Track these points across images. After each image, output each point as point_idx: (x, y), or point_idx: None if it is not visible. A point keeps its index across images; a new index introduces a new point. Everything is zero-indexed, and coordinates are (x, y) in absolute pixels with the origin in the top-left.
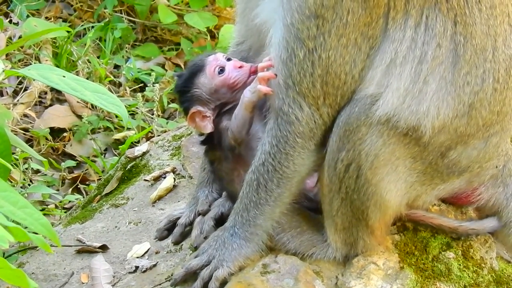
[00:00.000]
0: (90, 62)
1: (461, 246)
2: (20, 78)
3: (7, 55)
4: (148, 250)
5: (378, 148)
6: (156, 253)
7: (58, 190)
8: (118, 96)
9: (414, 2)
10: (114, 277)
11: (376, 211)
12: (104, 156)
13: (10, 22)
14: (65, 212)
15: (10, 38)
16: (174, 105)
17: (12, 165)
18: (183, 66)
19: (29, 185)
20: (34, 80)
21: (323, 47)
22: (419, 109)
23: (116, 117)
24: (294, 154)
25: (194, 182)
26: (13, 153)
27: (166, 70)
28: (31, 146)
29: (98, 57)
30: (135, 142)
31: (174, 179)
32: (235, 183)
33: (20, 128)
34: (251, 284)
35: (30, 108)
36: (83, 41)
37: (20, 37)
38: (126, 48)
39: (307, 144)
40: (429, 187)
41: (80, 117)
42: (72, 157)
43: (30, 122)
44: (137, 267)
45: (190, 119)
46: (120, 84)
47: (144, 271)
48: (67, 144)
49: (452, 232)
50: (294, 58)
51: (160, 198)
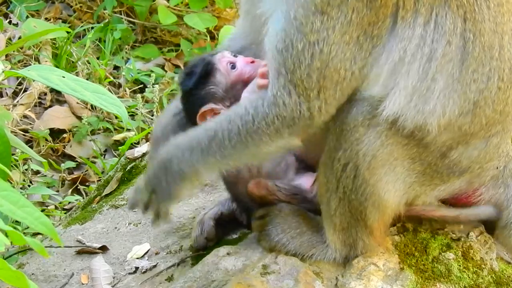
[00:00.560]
0: (89, 63)
1: (461, 247)
2: (19, 79)
3: (6, 56)
4: (148, 251)
5: (376, 149)
6: (156, 254)
7: (58, 191)
8: (118, 97)
9: (423, 0)
10: (114, 278)
11: (375, 212)
12: (104, 157)
13: (10, 23)
14: (65, 213)
15: (10, 39)
16: None
17: (11, 166)
18: (182, 67)
19: (29, 186)
20: (33, 81)
21: (326, 41)
22: (425, 107)
23: (116, 118)
24: (266, 131)
25: None
26: (13, 154)
27: (166, 71)
28: (31, 147)
29: (98, 58)
30: (135, 143)
31: None
32: (239, 185)
33: (20, 129)
34: (251, 285)
35: (29, 109)
36: (83, 42)
37: (19, 38)
38: (126, 49)
39: (283, 130)
40: (428, 187)
41: (80, 118)
42: (72, 158)
43: (30, 123)
44: (137, 268)
45: (201, 117)
46: (119, 85)
47: (144, 272)
48: (67, 145)
49: (454, 221)
50: (292, 49)
51: None
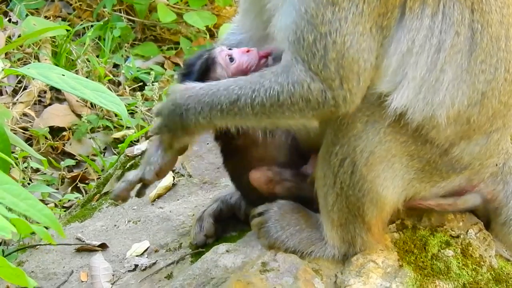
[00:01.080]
0: (89, 61)
1: (460, 244)
2: (19, 77)
3: (6, 54)
4: (147, 248)
5: (374, 145)
6: (156, 251)
7: (57, 189)
8: (118, 95)
9: None
10: (113, 275)
11: (373, 208)
12: (104, 155)
13: (9, 21)
14: (64, 211)
15: (10, 37)
16: None
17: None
18: (182, 65)
19: (28, 184)
20: (33, 79)
21: (339, 32)
22: (434, 99)
23: (116, 116)
24: (290, 108)
25: (193, 181)
26: (12, 152)
27: (165, 69)
28: (31, 145)
29: (98, 56)
30: (135, 141)
31: (173, 177)
32: (243, 175)
33: (20, 127)
34: (250, 282)
35: (29, 107)
36: (83, 40)
37: (19, 36)
38: (125, 47)
39: (307, 111)
40: (428, 184)
41: (79, 116)
42: (71, 156)
43: (30, 121)
44: (136, 266)
45: None
46: (119, 83)
47: (144, 270)
48: (66, 143)
49: (454, 209)
50: (303, 41)
51: (159, 196)
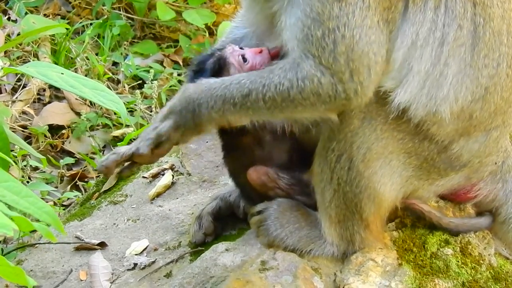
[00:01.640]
0: (88, 59)
1: (459, 243)
2: (18, 75)
3: (5, 52)
4: (147, 247)
5: (371, 142)
6: (155, 250)
7: (56, 187)
8: (117, 93)
9: None
10: (112, 274)
11: (370, 204)
12: (103, 153)
13: (9, 19)
14: (63, 209)
15: (9, 35)
16: None
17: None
18: (181, 63)
19: (27, 182)
20: (32, 77)
21: (347, 26)
22: (438, 93)
23: (115, 114)
24: (301, 103)
25: (192, 179)
26: (11, 150)
27: (165, 67)
28: (30, 143)
29: (97, 54)
30: (134, 139)
31: (173, 176)
32: (242, 174)
33: (19, 125)
34: (250, 281)
35: (28, 105)
36: (82, 38)
37: (18, 34)
38: (125, 45)
39: (318, 105)
40: (426, 182)
41: (78, 114)
42: (70, 154)
43: (29, 119)
44: (135, 264)
45: None
46: (118, 81)
47: (143, 268)
48: (65, 141)
49: (449, 228)
50: (312, 37)
51: (158, 195)
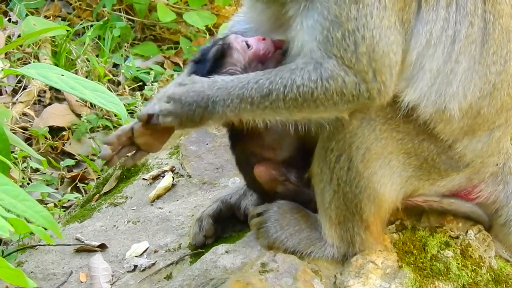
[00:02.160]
0: (89, 61)
1: (459, 245)
2: (19, 77)
3: (6, 54)
4: (147, 249)
5: (370, 142)
6: (155, 252)
7: (57, 189)
8: (117, 94)
9: None
10: (112, 276)
11: (370, 205)
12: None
13: (9, 20)
14: (64, 211)
15: (9, 36)
16: None
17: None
18: (182, 65)
19: (28, 184)
20: (33, 79)
21: (366, 27)
22: (448, 90)
23: (115, 116)
24: (324, 103)
25: (192, 181)
26: (12, 152)
27: (165, 69)
28: (30, 145)
29: (97, 56)
30: None
31: (173, 178)
32: (249, 165)
33: (19, 127)
34: (250, 283)
35: (29, 107)
36: (82, 40)
37: (19, 35)
38: (125, 46)
39: (341, 104)
40: (427, 182)
41: (79, 116)
42: (71, 156)
43: (29, 121)
44: (135, 266)
45: None
46: (119, 83)
47: (143, 270)
48: (66, 143)
49: (441, 208)
50: (332, 39)
51: (158, 197)
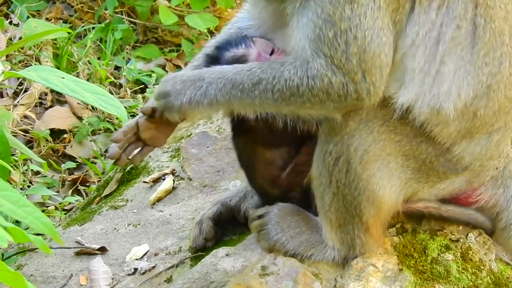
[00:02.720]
0: (90, 63)
1: (460, 248)
2: (20, 79)
3: (7, 56)
4: (147, 252)
5: (368, 144)
6: (155, 255)
7: (58, 192)
8: (119, 97)
9: None
10: (113, 279)
11: (370, 207)
12: (104, 158)
13: (11, 23)
14: (65, 214)
15: (11, 39)
16: None
17: (11, 166)
18: (183, 68)
19: (28, 186)
20: (34, 81)
21: (359, 27)
22: (440, 89)
23: (117, 118)
24: (310, 100)
25: (193, 184)
26: (12, 154)
27: (167, 72)
28: (31, 148)
29: (99, 58)
30: None
31: (173, 181)
32: (251, 160)
33: (20, 130)
34: (250, 286)
35: (30, 109)
36: (84, 42)
37: (20, 38)
38: (127, 49)
39: (328, 103)
40: (426, 185)
41: (80, 118)
42: (72, 158)
43: (30, 124)
44: (136, 269)
45: None
46: (120, 86)
47: (143, 273)
48: (67, 145)
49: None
50: (324, 37)
51: (159, 200)
